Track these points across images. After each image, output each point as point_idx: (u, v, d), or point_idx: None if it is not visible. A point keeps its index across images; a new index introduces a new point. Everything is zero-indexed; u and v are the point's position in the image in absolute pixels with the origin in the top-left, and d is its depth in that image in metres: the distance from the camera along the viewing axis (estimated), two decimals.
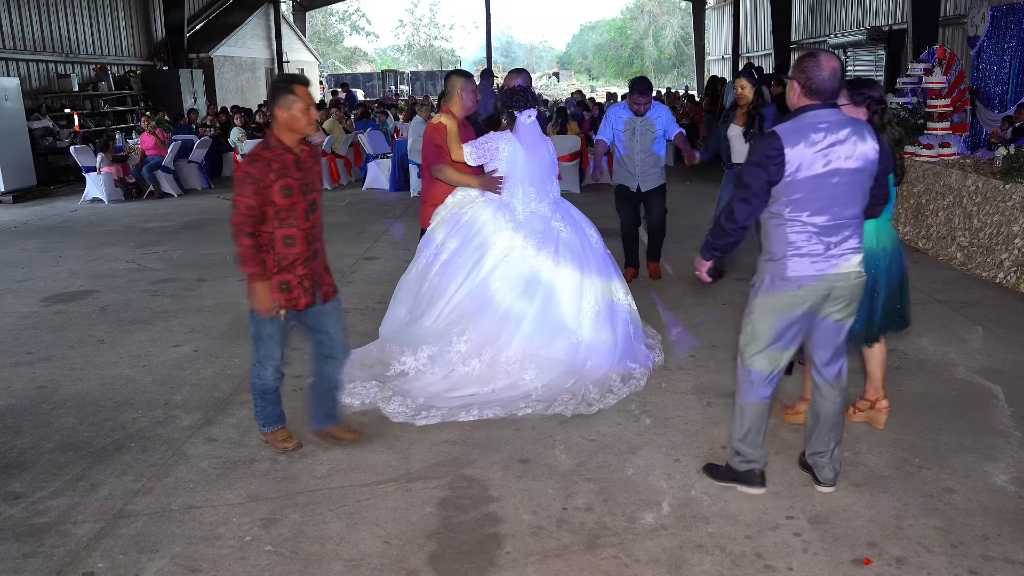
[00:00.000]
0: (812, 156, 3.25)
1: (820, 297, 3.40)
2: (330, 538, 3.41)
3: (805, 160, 3.25)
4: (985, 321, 6.04)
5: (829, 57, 3.33)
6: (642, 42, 55.96)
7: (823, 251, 3.35)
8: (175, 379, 5.22)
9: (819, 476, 3.71)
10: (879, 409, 4.35)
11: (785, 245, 3.37)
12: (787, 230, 3.35)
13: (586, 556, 3.26)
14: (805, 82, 3.32)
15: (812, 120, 3.30)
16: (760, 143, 3.34)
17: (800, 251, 3.35)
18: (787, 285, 3.37)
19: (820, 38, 22.04)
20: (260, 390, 4.08)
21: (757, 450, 3.63)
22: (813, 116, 3.31)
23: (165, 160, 13.43)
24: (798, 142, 3.25)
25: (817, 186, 3.28)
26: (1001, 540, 3.32)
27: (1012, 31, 11.74)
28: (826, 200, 3.30)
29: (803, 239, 3.34)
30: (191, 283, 7.67)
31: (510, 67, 64.85)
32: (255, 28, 28.17)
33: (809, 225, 3.33)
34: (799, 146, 3.25)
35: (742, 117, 6.50)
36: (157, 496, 3.77)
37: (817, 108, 3.33)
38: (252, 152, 3.90)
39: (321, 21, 54.30)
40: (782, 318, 3.42)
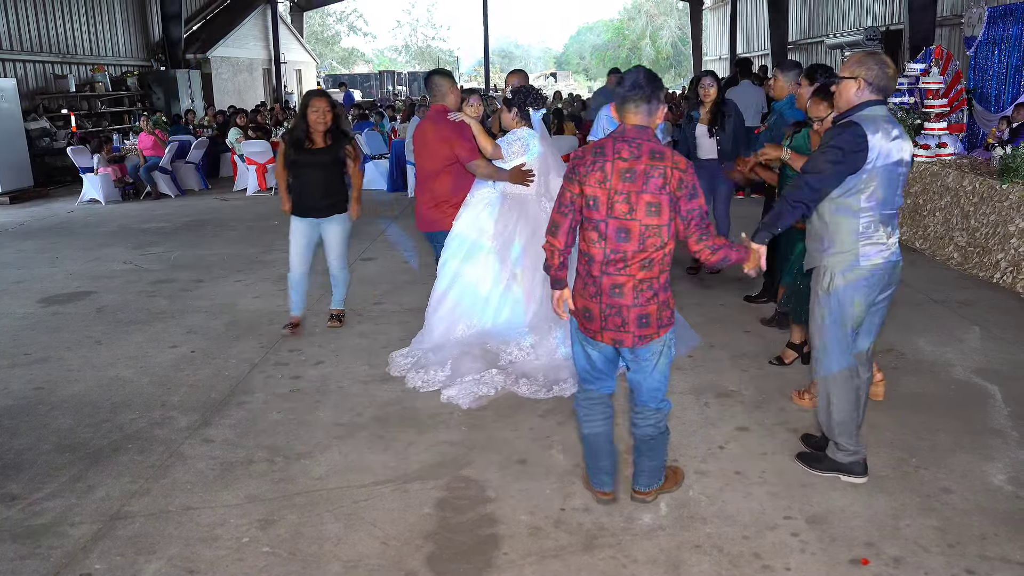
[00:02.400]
0: (888, 146, 3.45)
1: (884, 283, 3.61)
2: (328, 539, 3.41)
3: (882, 150, 3.44)
4: (982, 321, 6.04)
5: (888, 59, 3.54)
6: (639, 42, 55.89)
7: (886, 239, 3.57)
8: (172, 380, 5.22)
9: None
10: (876, 383, 4.57)
11: (856, 235, 3.53)
12: (859, 220, 3.52)
13: (584, 557, 3.26)
14: (873, 79, 3.48)
15: (880, 113, 3.49)
16: (844, 132, 3.43)
17: (870, 240, 3.53)
18: (862, 273, 3.55)
19: (817, 38, 22.07)
20: None
21: (857, 443, 3.77)
22: (877, 110, 3.50)
23: (162, 161, 13.42)
24: (876, 131, 3.42)
25: (888, 176, 3.48)
26: (998, 540, 3.32)
27: (1009, 31, 11.73)
28: (891, 190, 3.52)
29: (872, 228, 3.53)
30: (188, 284, 7.66)
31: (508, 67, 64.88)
32: (252, 28, 28.14)
33: (878, 215, 3.52)
34: (878, 135, 3.42)
35: (707, 116, 6.93)
36: (154, 497, 3.77)
37: (877, 104, 3.51)
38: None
39: (318, 21, 54.24)
40: (861, 306, 3.59)
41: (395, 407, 4.74)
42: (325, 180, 5.76)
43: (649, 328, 3.26)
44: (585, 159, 3.23)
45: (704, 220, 3.23)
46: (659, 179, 3.15)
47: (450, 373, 4.99)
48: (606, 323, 3.27)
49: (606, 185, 3.17)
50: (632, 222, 3.17)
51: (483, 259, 5.35)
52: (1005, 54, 11.88)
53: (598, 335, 3.31)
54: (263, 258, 8.68)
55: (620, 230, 3.18)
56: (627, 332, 3.25)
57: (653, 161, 3.16)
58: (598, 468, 3.61)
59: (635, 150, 3.18)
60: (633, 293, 3.22)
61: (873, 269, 3.55)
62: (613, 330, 3.27)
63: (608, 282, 3.23)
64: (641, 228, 3.17)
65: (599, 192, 3.18)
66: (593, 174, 3.19)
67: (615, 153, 3.19)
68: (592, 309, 3.28)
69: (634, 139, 3.20)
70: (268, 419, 4.60)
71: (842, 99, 3.59)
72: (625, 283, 3.21)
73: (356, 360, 5.49)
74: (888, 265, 3.58)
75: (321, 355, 5.60)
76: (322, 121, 5.61)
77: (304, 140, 5.65)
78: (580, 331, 3.39)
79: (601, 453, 3.57)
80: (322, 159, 5.72)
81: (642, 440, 3.51)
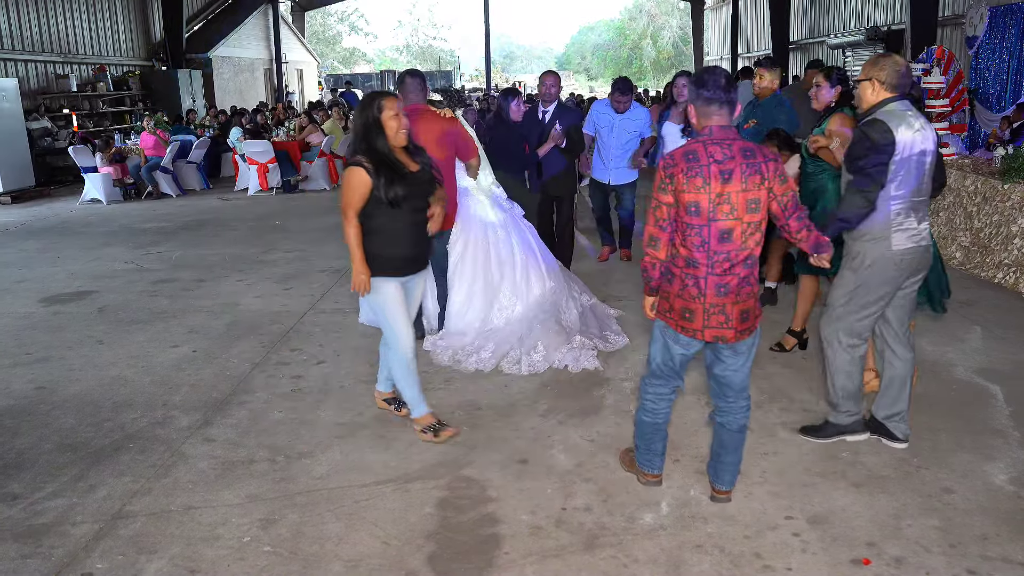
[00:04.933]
0: (912, 137, 3.69)
1: (913, 268, 3.85)
2: (329, 539, 3.41)
3: (907, 141, 3.68)
4: (983, 321, 6.04)
5: (900, 57, 3.84)
6: (641, 42, 55.89)
7: (916, 225, 3.80)
8: (174, 380, 5.22)
9: (897, 433, 4.10)
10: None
11: (888, 222, 3.76)
12: (891, 207, 3.74)
13: (585, 556, 3.26)
14: (886, 78, 3.76)
15: (901, 108, 3.74)
16: (870, 129, 3.69)
17: (902, 226, 3.77)
18: (892, 258, 3.78)
19: (819, 38, 22.06)
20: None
21: (857, 404, 4.10)
22: (898, 106, 3.75)
23: (164, 160, 13.42)
24: (900, 125, 3.67)
25: (915, 165, 3.73)
26: (1000, 540, 3.32)
27: (1011, 31, 11.74)
28: (918, 178, 3.76)
29: (904, 215, 3.76)
30: (189, 284, 7.66)
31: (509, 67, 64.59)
32: (254, 28, 28.15)
33: (908, 202, 3.76)
34: (902, 128, 3.67)
35: (679, 115, 7.14)
36: (156, 497, 3.77)
37: (897, 99, 3.77)
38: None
39: (320, 21, 54.26)
40: (886, 288, 3.84)
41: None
42: (421, 218, 4.15)
43: (748, 322, 3.36)
44: (679, 166, 3.22)
45: (797, 201, 3.35)
46: (756, 176, 3.22)
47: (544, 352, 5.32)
48: (708, 321, 3.31)
49: (706, 189, 3.19)
50: (734, 222, 3.22)
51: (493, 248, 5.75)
52: (1006, 54, 11.89)
53: (698, 333, 3.35)
54: (264, 258, 8.68)
55: (723, 231, 3.23)
56: (729, 328, 3.32)
57: (746, 159, 3.22)
58: (652, 451, 3.70)
59: (727, 151, 3.22)
60: (736, 291, 3.29)
61: (904, 254, 3.78)
62: (716, 327, 3.32)
63: (714, 282, 3.27)
64: (743, 227, 3.24)
65: (700, 197, 3.20)
66: (693, 180, 3.20)
67: (709, 157, 3.21)
68: (695, 309, 3.31)
69: (723, 140, 3.25)
70: (269, 418, 4.60)
71: (863, 102, 3.85)
72: (730, 282, 3.28)
73: (358, 360, 5.49)
74: (920, 250, 3.82)
75: (322, 355, 5.60)
76: (405, 132, 4.05)
77: (397, 163, 4.02)
78: (672, 330, 3.42)
79: (657, 437, 3.68)
80: (423, 188, 4.13)
81: (734, 433, 3.56)
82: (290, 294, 7.18)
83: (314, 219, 11.03)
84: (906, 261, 3.79)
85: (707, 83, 3.25)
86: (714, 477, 3.66)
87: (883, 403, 4.12)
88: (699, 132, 3.32)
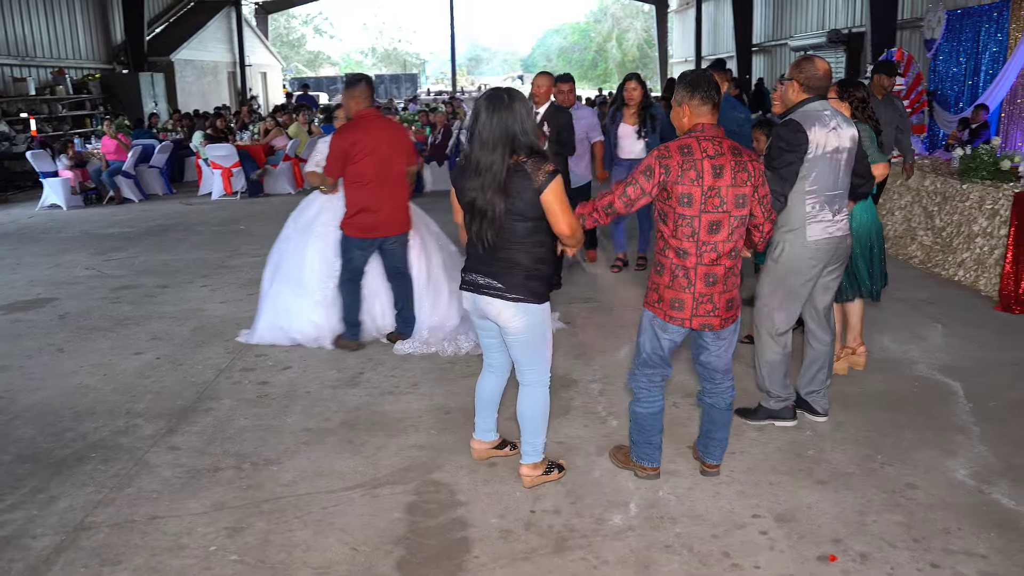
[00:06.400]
0: (825, 136, 3.92)
1: (828, 257, 4.08)
2: (297, 546, 3.38)
3: (820, 140, 3.91)
4: (944, 319, 6.14)
5: (822, 60, 4.06)
6: (606, 45, 56.22)
7: (831, 217, 4.03)
8: (137, 387, 5.14)
9: (817, 408, 4.41)
10: (859, 354, 5.14)
11: (804, 215, 3.99)
12: (805, 201, 3.98)
13: (554, 559, 3.26)
14: (804, 80, 4.01)
15: (817, 108, 3.99)
16: (784, 130, 3.93)
17: (816, 219, 4.00)
18: (807, 248, 4.01)
19: (781, 41, 22.32)
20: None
21: (786, 390, 4.30)
22: (814, 106, 4.00)
23: (126, 165, 13.24)
24: (814, 125, 3.90)
25: (830, 162, 3.95)
26: (961, 534, 3.37)
27: (967, 34, 11.96)
28: (833, 174, 3.99)
29: (818, 209, 4.00)
30: (153, 289, 7.56)
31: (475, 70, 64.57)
32: (216, 31, 27.90)
33: (822, 196, 3.99)
34: (815, 127, 3.90)
35: (632, 117, 7.22)
36: (119, 507, 3.71)
37: (814, 100, 4.02)
38: None
39: (283, 24, 53.87)
40: (803, 276, 4.07)
41: (364, 411, 4.71)
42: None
43: (732, 310, 3.55)
44: (675, 159, 3.36)
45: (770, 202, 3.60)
46: (743, 172, 3.40)
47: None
48: (697, 310, 3.47)
49: (699, 182, 3.34)
50: (723, 215, 3.39)
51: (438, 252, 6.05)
52: (963, 56, 12.10)
53: (686, 322, 3.50)
54: (229, 263, 8.59)
55: (712, 223, 3.39)
56: (716, 316, 3.49)
57: (735, 156, 3.41)
58: (651, 444, 3.79)
59: (718, 147, 3.40)
60: (723, 280, 3.47)
61: (818, 244, 4.02)
62: (703, 316, 3.48)
63: (703, 272, 3.43)
64: (731, 220, 3.41)
65: (693, 190, 3.35)
66: (687, 173, 3.34)
67: (703, 151, 3.37)
68: (684, 299, 3.46)
69: (714, 137, 3.43)
70: (235, 425, 4.55)
71: (786, 100, 4.15)
72: (718, 272, 3.45)
73: (324, 365, 5.45)
74: (835, 240, 4.06)
75: (289, 360, 5.55)
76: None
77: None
78: (661, 320, 3.54)
79: (655, 429, 3.76)
80: None
81: (721, 412, 3.75)
82: (255, 299, 7.08)
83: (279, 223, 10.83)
84: (821, 251, 4.03)
85: (701, 86, 3.44)
86: (704, 454, 3.87)
87: (804, 380, 4.43)
88: (690, 129, 3.48)
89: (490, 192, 3.34)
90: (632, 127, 7.23)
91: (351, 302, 5.68)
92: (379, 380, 5.19)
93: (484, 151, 3.34)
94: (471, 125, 3.40)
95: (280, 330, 5.86)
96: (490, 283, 3.51)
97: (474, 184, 3.38)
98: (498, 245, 3.44)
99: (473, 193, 3.40)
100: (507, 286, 3.48)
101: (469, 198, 3.43)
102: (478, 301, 3.58)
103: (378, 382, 5.15)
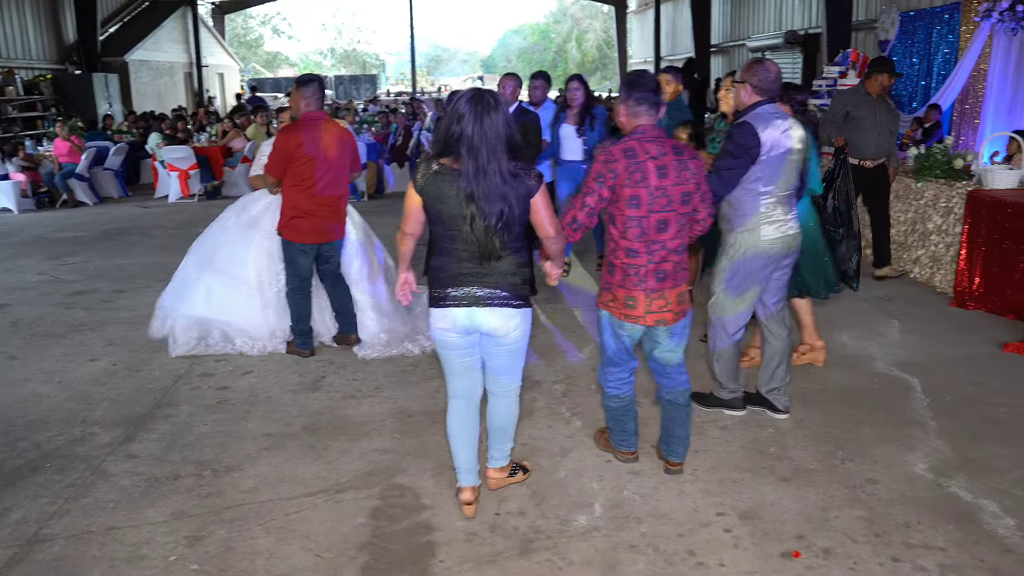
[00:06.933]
0: (778, 137, 4.00)
1: (781, 255, 4.17)
2: (259, 554, 3.33)
3: (773, 142, 3.98)
4: (901, 315, 6.24)
5: (772, 64, 4.17)
6: (565, 45, 56.39)
7: (784, 216, 4.13)
8: (93, 395, 5.03)
9: (778, 405, 4.48)
10: (818, 350, 5.22)
11: (759, 215, 4.08)
12: (760, 201, 4.05)
13: (520, 561, 3.25)
14: (757, 83, 4.10)
15: (768, 111, 4.07)
16: (738, 131, 4.01)
17: (770, 218, 4.08)
18: (762, 247, 4.09)
19: (739, 41, 22.54)
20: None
21: (736, 383, 4.44)
22: (766, 109, 4.08)
23: (79, 167, 12.97)
24: (767, 127, 3.98)
25: (781, 163, 4.03)
26: (921, 527, 3.42)
27: (920, 35, 12.18)
28: (786, 175, 4.07)
29: (771, 208, 4.08)
30: (108, 295, 7.41)
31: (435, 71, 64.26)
32: (172, 31, 27.46)
33: (776, 196, 4.08)
34: (768, 130, 3.98)
35: (574, 117, 7.25)
36: (75, 518, 3.62)
37: (766, 103, 4.11)
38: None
39: (241, 24, 53.23)
40: (757, 275, 4.16)
41: (326, 416, 4.66)
42: None
43: (684, 304, 3.63)
44: (620, 162, 3.41)
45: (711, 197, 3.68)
46: (687, 171, 3.47)
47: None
48: (651, 307, 3.54)
49: (645, 184, 3.41)
50: (670, 213, 3.46)
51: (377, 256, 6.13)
52: (917, 57, 12.32)
53: (641, 319, 3.56)
54: None
55: (660, 222, 3.46)
56: (668, 311, 3.57)
57: (677, 156, 3.48)
58: (627, 431, 3.91)
59: (661, 147, 3.46)
60: (673, 275, 3.56)
61: (773, 243, 4.11)
62: (657, 312, 3.56)
63: (653, 269, 3.51)
64: (678, 217, 3.49)
65: (640, 191, 3.41)
66: (633, 175, 3.40)
67: (646, 153, 3.43)
68: (637, 297, 3.53)
69: (656, 138, 3.49)
70: (195, 432, 4.47)
71: (738, 102, 4.23)
72: (667, 268, 3.53)
73: (285, 369, 5.38)
74: (787, 239, 4.15)
75: (249, 364, 5.47)
76: None
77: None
78: (617, 319, 3.61)
79: (628, 416, 3.87)
80: None
81: (680, 408, 3.81)
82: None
83: None
84: (775, 249, 4.13)
85: (639, 86, 3.52)
86: (667, 451, 3.91)
87: (764, 378, 4.52)
88: (631, 131, 3.53)
89: (497, 199, 3.11)
90: (573, 127, 7.26)
91: (303, 311, 5.56)
92: (341, 384, 5.14)
93: (481, 156, 3.08)
94: (450, 129, 3.13)
95: (209, 322, 5.77)
96: (494, 293, 3.27)
97: (473, 192, 3.09)
98: (494, 253, 3.23)
99: (473, 203, 3.10)
100: (512, 294, 3.29)
101: (457, 208, 3.13)
102: (476, 315, 3.29)
103: (340, 386, 5.11)
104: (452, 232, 3.20)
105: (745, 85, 4.13)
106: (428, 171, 3.18)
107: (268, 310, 5.76)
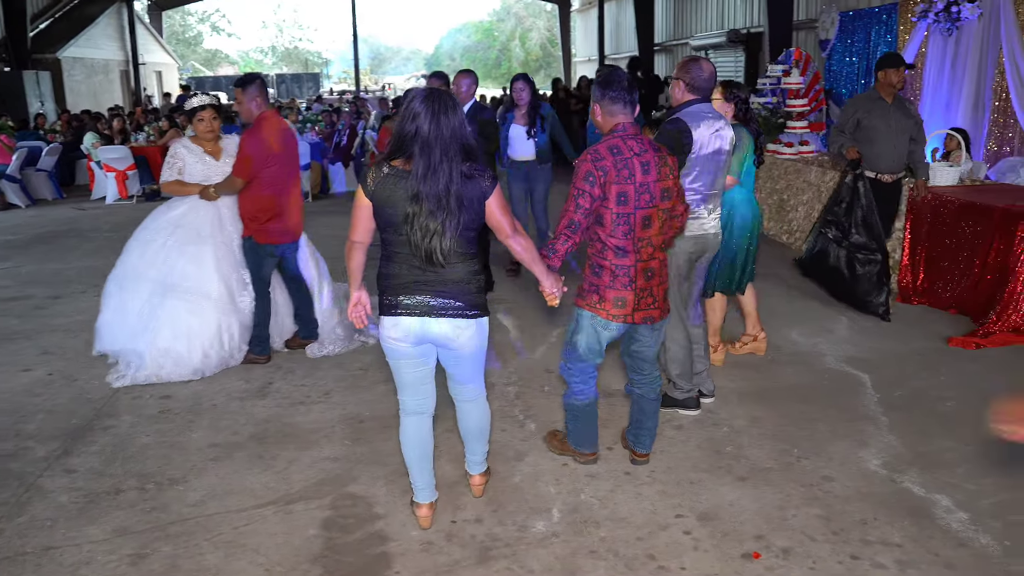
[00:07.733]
0: (709, 136, 4.06)
1: (701, 250, 4.27)
2: (207, 570, 3.20)
3: (704, 140, 4.04)
4: (849, 311, 6.30)
5: (707, 62, 4.21)
6: (509, 44, 56.35)
7: (707, 215, 4.21)
8: (27, 406, 4.82)
9: (704, 390, 4.62)
10: (760, 340, 5.37)
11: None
12: (688, 198, 4.04)
13: (479, 570, 3.18)
14: (690, 81, 4.12)
15: (701, 109, 4.10)
16: (670, 128, 4.01)
17: (694, 215, 4.14)
18: (684, 242, 4.15)
19: (682, 40, 22.73)
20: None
21: (689, 382, 4.49)
22: (699, 107, 4.11)
23: (10, 169, 12.51)
24: (699, 125, 4.03)
25: (709, 161, 4.09)
26: (878, 524, 3.44)
27: (859, 35, 12.38)
28: (712, 173, 4.14)
29: (695, 205, 4.14)
30: (43, 301, 7.14)
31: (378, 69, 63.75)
32: (107, 28, 26.74)
33: (699, 194, 4.14)
34: (700, 128, 4.03)
35: (522, 118, 7.22)
36: (8, 538, 3.44)
37: (699, 102, 4.14)
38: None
39: (179, 21, 52.12)
40: (679, 270, 4.23)
41: (274, 423, 4.53)
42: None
43: (667, 300, 3.71)
44: (607, 160, 3.41)
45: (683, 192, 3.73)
46: (666, 167, 3.51)
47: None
48: (639, 305, 3.55)
49: (632, 180, 3.42)
50: (653, 209, 3.49)
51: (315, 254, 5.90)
52: (856, 56, 12.53)
53: (629, 317, 3.56)
54: None
55: (645, 219, 3.48)
56: (656, 308, 3.62)
57: (656, 152, 3.51)
58: (589, 430, 3.89)
59: (642, 144, 3.48)
60: (659, 272, 3.60)
61: (695, 240, 4.21)
62: (645, 309, 3.58)
63: (642, 267, 3.52)
64: (660, 213, 3.52)
65: (628, 187, 3.42)
66: (621, 172, 3.41)
67: (630, 150, 3.45)
68: (626, 297, 3.53)
69: (636, 135, 3.51)
70: (137, 444, 4.30)
71: (672, 99, 4.25)
72: (654, 265, 3.57)
73: (230, 375, 5.22)
74: (707, 236, 4.25)
75: None
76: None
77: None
78: (603, 319, 3.58)
79: (593, 417, 3.86)
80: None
81: (651, 401, 3.86)
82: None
83: None
84: (697, 244, 4.23)
85: (613, 84, 3.51)
86: (635, 443, 3.95)
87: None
88: (611, 130, 3.53)
89: (452, 201, 2.97)
90: (523, 127, 7.20)
91: (265, 315, 5.41)
92: (289, 390, 5.00)
93: (434, 156, 2.95)
94: (404, 128, 3.00)
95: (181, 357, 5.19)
96: (448, 304, 3.14)
97: (419, 191, 2.97)
98: (449, 260, 3.08)
99: (417, 203, 2.97)
100: (467, 303, 3.16)
101: (410, 211, 2.99)
102: (429, 325, 3.16)
103: (288, 392, 4.97)
104: (403, 238, 3.07)
105: (679, 82, 4.16)
106: (379, 175, 3.05)
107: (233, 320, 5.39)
